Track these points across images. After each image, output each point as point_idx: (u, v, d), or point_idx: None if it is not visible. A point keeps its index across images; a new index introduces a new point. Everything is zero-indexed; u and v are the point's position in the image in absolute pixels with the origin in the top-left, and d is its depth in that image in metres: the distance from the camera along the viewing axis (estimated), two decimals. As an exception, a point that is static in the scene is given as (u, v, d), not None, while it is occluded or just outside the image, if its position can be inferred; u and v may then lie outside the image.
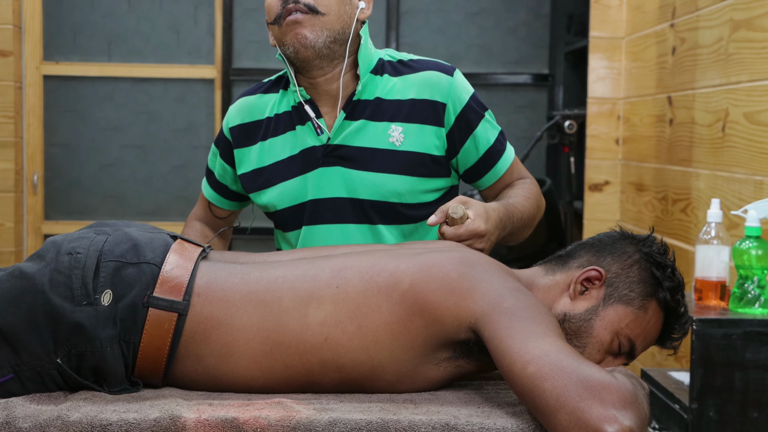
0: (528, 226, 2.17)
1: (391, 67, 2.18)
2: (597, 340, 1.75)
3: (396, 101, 2.14)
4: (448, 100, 2.14)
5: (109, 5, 4.87)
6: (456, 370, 1.72)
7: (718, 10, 2.98)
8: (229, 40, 4.86)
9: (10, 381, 1.62)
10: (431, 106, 2.13)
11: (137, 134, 4.91)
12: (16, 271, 1.65)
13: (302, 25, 2.07)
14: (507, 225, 2.04)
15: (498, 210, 2.01)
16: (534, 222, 2.19)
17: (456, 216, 1.88)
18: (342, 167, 2.12)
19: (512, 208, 2.08)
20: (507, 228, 2.04)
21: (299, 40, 2.08)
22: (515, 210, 2.09)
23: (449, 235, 1.90)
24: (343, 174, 2.11)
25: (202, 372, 1.67)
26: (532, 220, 2.18)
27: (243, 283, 1.70)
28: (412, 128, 2.12)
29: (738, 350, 2.20)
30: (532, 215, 2.17)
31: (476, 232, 1.91)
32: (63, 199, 4.89)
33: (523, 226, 2.14)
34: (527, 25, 5.01)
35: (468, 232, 1.90)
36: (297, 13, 2.07)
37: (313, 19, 2.07)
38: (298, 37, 2.08)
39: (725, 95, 2.91)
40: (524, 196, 2.16)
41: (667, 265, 1.79)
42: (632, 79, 3.94)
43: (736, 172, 2.82)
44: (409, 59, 2.21)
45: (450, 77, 2.17)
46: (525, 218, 2.13)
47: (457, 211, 1.89)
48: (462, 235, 1.89)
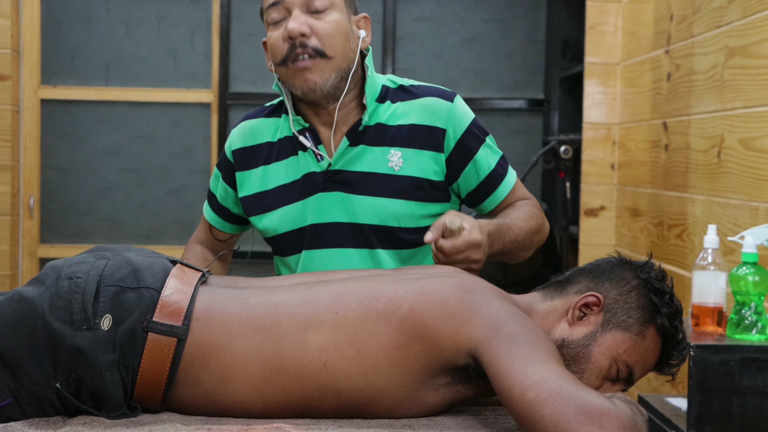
0: (525, 246, 2.16)
1: (393, 92, 2.19)
2: (595, 365, 1.75)
3: (396, 126, 2.14)
4: (448, 125, 2.15)
5: (107, 30, 4.88)
6: (455, 396, 1.71)
7: (713, 37, 3.00)
8: (226, 64, 4.88)
9: (8, 406, 1.62)
10: (431, 131, 2.14)
11: (134, 158, 4.91)
12: (16, 295, 1.65)
13: (310, 70, 2.08)
14: (496, 241, 2.03)
15: (488, 225, 2.01)
16: (532, 242, 2.18)
17: (454, 227, 1.89)
18: (341, 192, 2.12)
19: (505, 226, 2.08)
20: (496, 245, 2.03)
21: (308, 85, 2.09)
22: (508, 229, 2.08)
23: (448, 248, 1.90)
24: (342, 198, 2.11)
25: (201, 396, 1.67)
26: (530, 241, 2.17)
27: (242, 308, 1.70)
28: (411, 153, 2.12)
29: (735, 376, 2.20)
30: (529, 235, 2.16)
31: (473, 242, 1.91)
32: (59, 222, 4.88)
33: (517, 246, 2.13)
34: (523, 50, 5.03)
35: (465, 243, 1.90)
36: (305, 57, 2.07)
37: (321, 63, 2.08)
38: (307, 82, 2.09)
39: (721, 121, 2.93)
40: (521, 218, 2.16)
41: (665, 291, 1.80)
42: (627, 105, 3.95)
43: (732, 198, 2.83)
44: (410, 84, 2.22)
45: (450, 103, 2.17)
46: (520, 238, 2.12)
47: (455, 222, 1.89)
48: (460, 246, 1.90)
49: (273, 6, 2.10)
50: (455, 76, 5.02)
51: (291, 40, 2.07)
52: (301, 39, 2.06)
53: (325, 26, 2.08)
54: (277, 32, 2.10)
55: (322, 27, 2.07)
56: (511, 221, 2.12)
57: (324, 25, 2.08)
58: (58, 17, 4.85)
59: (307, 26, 2.07)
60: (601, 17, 4.08)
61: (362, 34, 2.17)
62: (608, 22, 4.07)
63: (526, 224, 2.15)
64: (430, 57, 5.01)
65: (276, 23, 2.11)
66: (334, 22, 2.09)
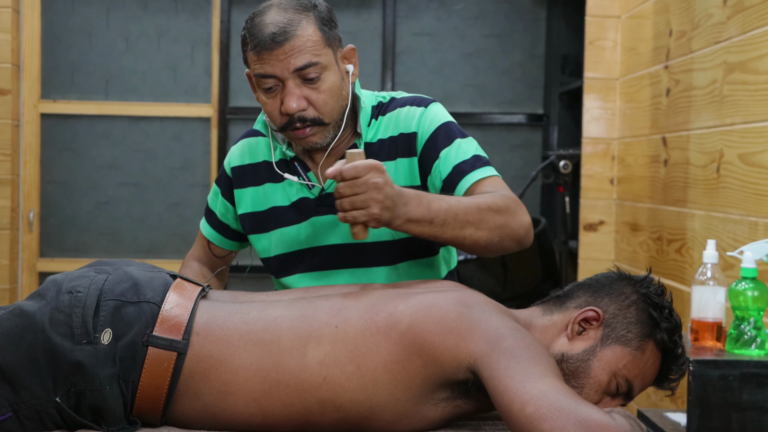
0: (473, 222, 1.90)
1: (379, 109, 2.19)
2: (595, 380, 1.75)
3: (378, 142, 2.15)
4: (419, 128, 2.13)
5: (107, 44, 4.90)
6: (454, 410, 1.72)
7: (712, 53, 3.01)
8: (225, 79, 4.89)
9: (8, 420, 1.62)
10: (405, 138, 2.14)
11: (133, 172, 4.91)
12: (17, 309, 1.66)
13: (312, 137, 2.09)
14: (414, 202, 1.84)
15: (405, 188, 1.87)
16: (485, 220, 1.92)
17: (354, 153, 1.81)
18: (334, 215, 2.13)
19: (433, 196, 1.90)
20: (415, 208, 1.83)
21: (308, 145, 2.11)
22: (438, 198, 1.89)
23: (347, 169, 1.77)
24: (335, 221, 2.11)
25: (201, 410, 1.67)
26: (480, 217, 1.91)
27: (242, 322, 1.70)
28: (393, 165, 2.13)
29: (735, 391, 2.20)
30: (479, 211, 1.91)
31: (374, 164, 1.78)
32: (58, 236, 4.89)
33: (458, 219, 1.89)
34: (522, 65, 5.05)
35: (365, 165, 1.77)
36: (306, 127, 2.07)
37: (320, 128, 2.08)
38: (307, 143, 2.10)
39: (720, 136, 2.94)
40: (469, 197, 1.98)
41: (665, 306, 1.80)
42: (627, 120, 3.96)
43: (731, 213, 2.83)
44: (390, 98, 2.22)
45: (423, 108, 2.16)
46: (460, 209, 1.90)
47: (355, 149, 1.83)
48: (359, 167, 1.77)
49: (264, 77, 2.05)
50: (455, 90, 5.03)
51: (289, 115, 2.06)
52: (300, 114, 2.05)
53: (321, 96, 2.06)
54: (271, 100, 2.07)
55: (318, 98, 2.05)
56: (446, 195, 1.95)
57: (320, 95, 2.05)
58: (59, 32, 4.86)
59: (304, 100, 2.05)
60: (600, 32, 4.09)
61: (350, 68, 2.14)
62: (607, 38, 4.09)
63: (473, 200, 1.94)
64: (429, 72, 5.03)
65: (268, 89, 2.06)
66: (329, 89, 2.07)
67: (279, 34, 2.01)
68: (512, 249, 1.98)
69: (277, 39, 2.01)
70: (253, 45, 2.03)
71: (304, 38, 2.02)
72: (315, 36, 2.04)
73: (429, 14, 5.01)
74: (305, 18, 2.04)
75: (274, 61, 2.02)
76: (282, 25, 2.01)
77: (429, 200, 1.86)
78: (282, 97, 2.05)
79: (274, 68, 2.02)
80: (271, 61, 2.02)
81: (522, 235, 1.98)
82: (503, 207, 1.95)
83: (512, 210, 1.96)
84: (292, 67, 2.02)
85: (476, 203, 1.92)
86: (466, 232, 1.90)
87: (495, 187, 2.04)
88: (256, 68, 2.05)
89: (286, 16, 2.03)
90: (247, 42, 2.06)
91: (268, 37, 2.01)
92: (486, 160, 2.11)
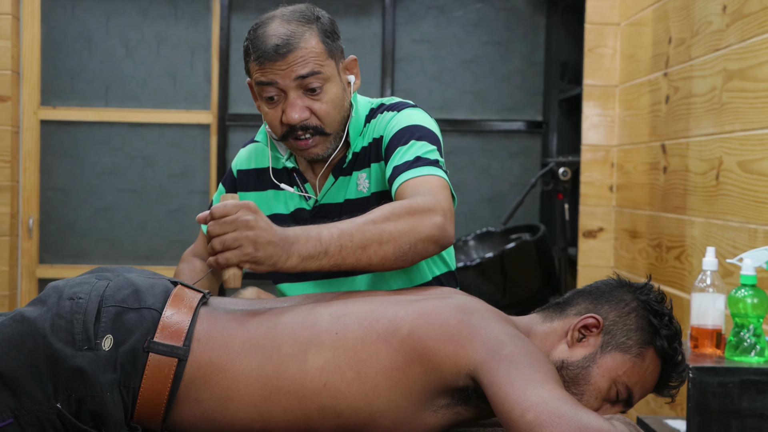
0: (371, 240, 1.80)
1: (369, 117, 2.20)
2: (594, 387, 1.76)
3: (362, 149, 2.17)
4: (384, 131, 2.13)
5: (107, 51, 4.90)
6: (454, 417, 1.72)
7: (712, 60, 3.02)
8: (225, 85, 4.89)
9: (9, 425, 1.61)
10: (377, 143, 2.15)
11: (133, 179, 4.92)
12: (18, 315, 1.66)
13: (313, 147, 2.10)
14: (301, 237, 1.75)
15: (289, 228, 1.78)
16: (385, 232, 1.82)
17: (227, 196, 1.75)
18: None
19: (317, 226, 1.80)
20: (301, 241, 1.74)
21: (309, 155, 2.12)
22: (330, 227, 1.80)
23: (216, 209, 1.70)
24: None
25: (201, 416, 1.67)
26: (379, 231, 1.81)
27: (243, 328, 1.70)
28: (367, 172, 2.15)
29: (734, 399, 2.20)
30: (376, 224, 1.82)
31: (244, 204, 1.70)
32: (58, 243, 4.89)
33: (353, 243, 1.79)
34: (521, 72, 5.05)
35: (235, 204, 1.69)
36: (306, 137, 2.08)
37: (322, 138, 2.10)
38: (309, 153, 2.11)
39: (719, 144, 2.94)
40: (366, 215, 1.85)
41: (665, 313, 1.80)
42: (626, 127, 3.97)
43: (730, 220, 2.84)
44: (380, 104, 2.22)
45: (395, 112, 2.15)
46: (354, 230, 1.80)
47: (229, 194, 1.77)
48: (229, 207, 1.69)
49: (266, 85, 2.06)
50: (454, 97, 5.04)
51: (290, 125, 2.07)
52: (302, 123, 2.06)
53: (323, 107, 2.06)
54: (272, 110, 2.08)
55: (321, 108, 2.06)
56: (339, 221, 1.84)
57: (322, 106, 2.06)
58: (58, 39, 4.87)
59: (306, 110, 2.06)
60: (599, 40, 4.10)
61: (352, 79, 2.16)
62: (607, 45, 4.09)
63: (368, 216, 1.83)
64: (429, 79, 5.03)
65: (270, 98, 2.07)
66: (331, 100, 2.08)
67: (282, 45, 2.01)
68: (432, 252, 1.88)
69: (280, 50, 2.01)
70: (257, 56, 2.04)
71: (307, 50, 2.03)
72: (318, 48, 2.05)
73: (428, 21, 5.02)
74: (308, 30, 2.05)
75: (276, 71, 2.03)
76: (285, 37, 2.02)
77: (318, 232, 1.77)
78: (284, 107, 2.06)
79: (276, 77, 2.03)
80: (273, 71, 2.03)
81: (436, 234, 1.86)
82: (403, 212, 1.84)
83: (417, 212, 1.85)
84: (294, 75, 2.02)
85: (371, 219, 1.82)
86: (369, 251, 1.80)
87: (417, 189, 1.93)
88: (258, 77, 2.06)
89: (289, 27, 2.04)
90: (249, 52, 2.06)
91: (271, 49, 2.02)
92: (428, 160, 2.01)
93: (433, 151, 2.05)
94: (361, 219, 1.82)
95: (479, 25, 5.02)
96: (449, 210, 1.92)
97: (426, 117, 2.15)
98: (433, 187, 1.94)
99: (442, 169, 2.03)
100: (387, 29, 4.96)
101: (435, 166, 2.01)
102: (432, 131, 2.10)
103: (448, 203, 1.93)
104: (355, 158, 2.16)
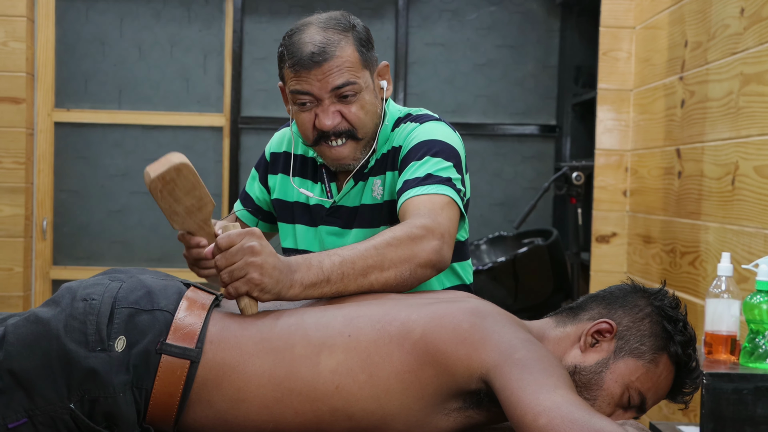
0: (372, 266, 1.80)
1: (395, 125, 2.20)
2: (607, 393, 1.75)
3: (381, 156, 2.17)
4: (404, 142, 2.14)
5: (120, 54, 4.91)
6: (466, 421, 1.71)
7: (728, 64, 3.00)
8: (238, 88, 4.90)
9: (23, 425, 1.62)
10: (394, 153, 2.16)
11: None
12: (32, 316, 1.67)
13: (344, 152, 2.10)
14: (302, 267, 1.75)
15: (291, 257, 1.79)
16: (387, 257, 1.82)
17: (229, 226, 1.75)
18: (337, 227, 2.18)
19: (319, 254, 1.80)
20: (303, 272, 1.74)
21: (340, 163, 2.13)
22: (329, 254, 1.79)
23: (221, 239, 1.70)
24: (336, 232, 2.17)
25: (213, 417, 1.67)
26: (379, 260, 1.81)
27: (255, 330, 1.70)
28: (381, 179, 2.16)
29: (749, 405, 2.19)
30: (378, 253, 1.81)
31: (248, 231, 1.71)
32: (71, 244, 4.90)
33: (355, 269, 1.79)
34: (535, 76, 5.04)
35: (239, 233, 1.70)
36: (339, 141, 2.09)
37: (353, 143, 2.10)
38: (339, 161, 2.12)
39: (735, 148, 2.93)
40: (368, 241, 1.85)
41: (679, 319, 1.79)
42: (640, 131, 3.95)
43: (746, 226, 2.82)
44: (407, 113, 2.22)
45: (417, 124, 2.15)
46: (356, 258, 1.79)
47: (227, 229, 1.74)
48: (233, 236, 1.69)
49: (301, 94, 2.06)
50: (467, 101, 5.03)
51: (322, 131, 2.08)
52: (334, 129, 2.07)
53: (357, 113, 2.08)
54: (305, 114, 2.09)
55: (354, 114, 2.07)
56: (340, 248, 1.83)
57: (356, 111, 2.07)
58: (72, 41, 4.88)
59: (339, 116, 2.07)
60: (614, 43, 4.09)
61: (384, 84, 2.16)
62: (621, 48, 4.08)
63: (369, 242, 1.83)
64: (442, 82, 5.03)
65: (303, 104, 2.08)
66: (364, 108, 2.09)
67: (318, 54, 2.02)
68: (429, 275, 1.89)
69: (316, 59, 2.02)
70: (292, 63, 2.04)
71: (342, 59, 2.03)
72: (353, 57, 2.05)
73: (442, 24, 5.02)
74: (344, 38, 2.05)
75: (312, 80, 2.03)
76: (321, 45, 2.02)
77: (319, 260, 1.76)
78: (317, 112, 2.06)
79: (312, 87, 2.04)
80: (309, 80, 2.04)
81: (434, 259, 1.86)
82: (404, 237, 1.84)
83: (416, 238, 1.85)
84: (330, 86, 2.03)
85: (373, 245, 1.81)
86: (371, 277, 1.80)
87: (419, 208, 1.93)
88: (292, 85, 2.06)
89: (325, 35, 2.04)
90: (285, 59, 2.07)
91: (307, 57, 2.02)
92: (439, 178, 2.00)
93: (448, 168, 2.03)
94: (362, 245, 1.82)
95: (493, 29, 5.02)
96: (447, 232, 1.91)
97: (448, 131, 2.13)
98: (436, 206, 1.94)
99: (454, 187, 2.02)
100: (400, 32, 4.96)
101: (445, 184, 2.00)
102: (451, 146, 2.09)
103: (448, 224, 1.93)
104: (376, 164, 2.17)
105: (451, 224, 1.94)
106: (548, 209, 5.04)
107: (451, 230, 1.93)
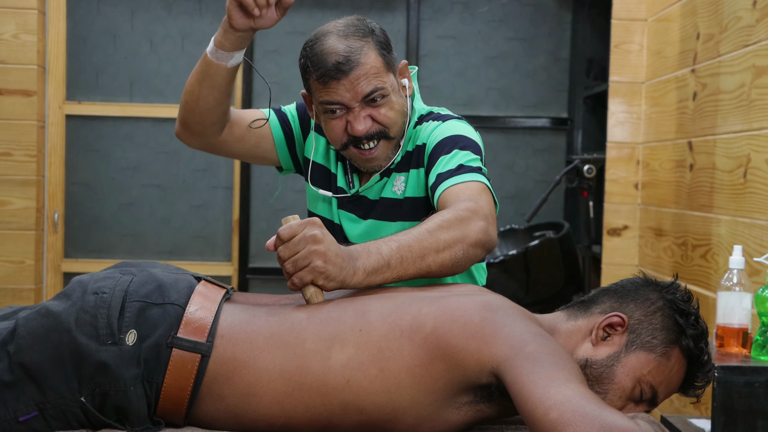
0: (428, 249, 1.82)
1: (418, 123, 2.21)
2: (619, 386, 1.75)
3: (406, 153, 2.19)
4: (428, 139, 2.15)
5: (131, 47, 4.92)
6: (477, 414, 1.71)
7: (741, 56, 2.99)
8: (249, 81, 4.90)
9: (34, 418, 1.63)
10: (419, 150, 2.17)
11: (157, 174, 4.93)
12: (43, 309, 1.67)
13: (377, 154, 2.12)
14: (363, 254, 1.78)
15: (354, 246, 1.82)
16: (441, 240, 1.84)
17: (289, 218, 1.76)
18: (355, 215, 2.20)
19: (377, 241, 1.82)
20: (369, 256, 1.78)
21: (371, 165, 2.14)
22: (389, 240, 1.82)
23: (283, 231, 1.73)
24: (352, 219, 2.19)
25: (224, 411, 1.68)
26: (435, 239, 1.84)
27: (266, 324, 1.71)
28: (405, 176, 2.17)
29: (760, 398, 2.18)
30: (431, 236, 1.84)
31: (309, 220, 1.74)
32: (83, 237, 4.91)
33: (412, 253, 1.81)
34: (546, 69, 5.03)
35: (300, 223, 1.73)
36: (371, 144, 2.10)
37: (383, 144, 2.11)
38: (370, 162, 2.13)
39: (747, 141, 2.91)
40: (419, 226, 1.88)
41: (691, 312, 1.79)
42: (652, 124, 3.94)
43: (758, 219, 2.81)
44: (429, 111, 2.24)
45: (440, 122, 2.17)
46: (412, 242, 1.82)
47: (290, 215, 1.77)
48: (295, 227, 1.72)
49: (332, 104, 2.07)
50: (478, 94, 5.02)
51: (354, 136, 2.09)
52: (367, 134, 2.09)
53: (387, 113, 2.09)
54: (335, 121, 2.09)
55: (384, 115, 2.08)
56: (394, 235, 1.87)
57: (386, 112, 2.08)
58: (84, 34, 4.89)
59: (369, 120, 2.08)
60: (626, 36, 4.07)
61: (405, 83, 2.17)
62: (633, 41, 4.07)
63: (422, 227, 1.86)
64: (453, 75, 5.02)
65: (333, 112, 2.08)
66: (393, 108, 2.10)
67: (344, 63, 2.02)
68: (480, 256, 1.91)
69: (342, 68, 2.02)
70: (318, 75, 2.04)
71: (368, 65, 2.04)
72: (377, 62, 2.06)
73: (453, 17, 5.01)
74: (366, 44, 2.06)
75: (341, 90, 2.04)
76: (345, 54, 2.03)
77: (377, 246, 1.79)
78: (348, 119, 2.07)
79: (342, 97, 2.05)
80: (338, 90, 2.04)
81: (483, 239, 1.89)
82: (453, 220, 1.87)
83: (464, 219, 1.88)
84: (360, 95, 2.05)
85: (425, 228, 1.85)
86: (428, 260, 1.82)
87: (459, 195, 1.96)
88: (321, 96, 2.07)
89: (347, 43, 2.04)
90: (309, 70, 2.07)
91: (333, 67, 2.03)
92: (471, 168, 2.04)
93: (476, 160, 2.07)
94: (415, 230, 1.85)
95: (504, 21, 5.01)
96: (491, 214, 1.96)
97: (470, 129, 2.18)
98: (474, 192, 1.98)
99: (485, 175, 2.06)
100: (411, 25, 4.95)
101: (477, 172, 2.03)
102: (475, 141, 2.13)
103: (489, 207, 1.97)
104: (401, 160, 2.19)
105: (491, 207, 1.98)
106: (560, 202, 5.03)
107: (493, 212, 1.98)
